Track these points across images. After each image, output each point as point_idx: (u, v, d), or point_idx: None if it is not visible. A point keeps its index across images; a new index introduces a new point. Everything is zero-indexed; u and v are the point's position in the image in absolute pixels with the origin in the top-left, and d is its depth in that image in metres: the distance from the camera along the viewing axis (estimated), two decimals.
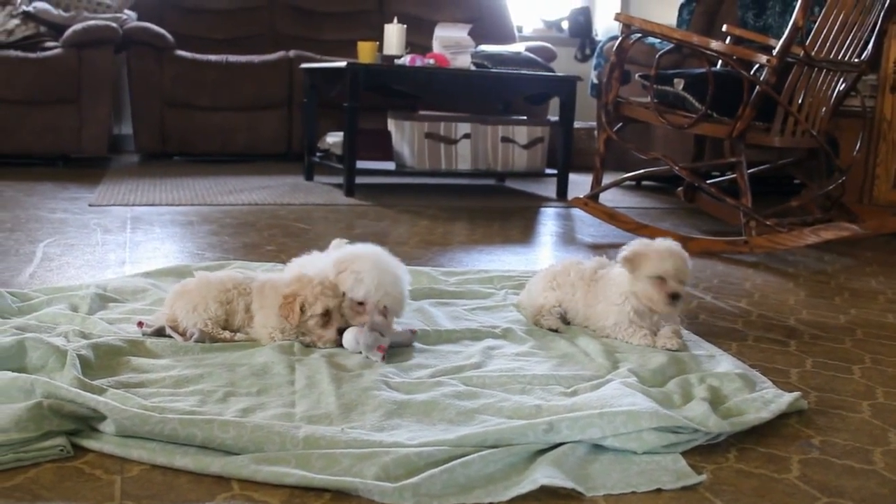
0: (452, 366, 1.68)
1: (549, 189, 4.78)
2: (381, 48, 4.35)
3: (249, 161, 5.45)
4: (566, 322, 2.01)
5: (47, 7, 4.98)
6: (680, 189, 4.17)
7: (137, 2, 5.49)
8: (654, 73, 3.38)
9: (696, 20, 5.34)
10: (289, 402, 1.45)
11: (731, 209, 3.53)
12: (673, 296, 1.83)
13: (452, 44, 4.35)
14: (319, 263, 1.87)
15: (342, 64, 4.08)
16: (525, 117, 4.86)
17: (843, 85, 3.43)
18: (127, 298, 2.07)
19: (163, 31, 5.20)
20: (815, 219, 3.48)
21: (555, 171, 4.60)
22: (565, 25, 7.05)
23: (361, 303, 1.77)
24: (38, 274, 2.33)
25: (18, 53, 4.70)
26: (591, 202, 3.61)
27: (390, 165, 4.42)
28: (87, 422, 1.30)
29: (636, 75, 3.66)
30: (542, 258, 2.95)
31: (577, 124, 5.35)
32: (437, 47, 4.36)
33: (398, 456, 1.22)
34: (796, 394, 1.56)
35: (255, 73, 5.36)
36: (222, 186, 4.27)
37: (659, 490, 1.22)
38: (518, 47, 5.18)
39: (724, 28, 4.00)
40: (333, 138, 4.52)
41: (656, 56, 3.53)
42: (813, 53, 3.10)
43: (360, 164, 4.22)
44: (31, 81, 4.68)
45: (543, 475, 1.20)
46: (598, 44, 6.34)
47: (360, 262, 1.78)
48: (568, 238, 3.40)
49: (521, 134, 4.65)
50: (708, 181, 3.65)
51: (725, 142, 3.61)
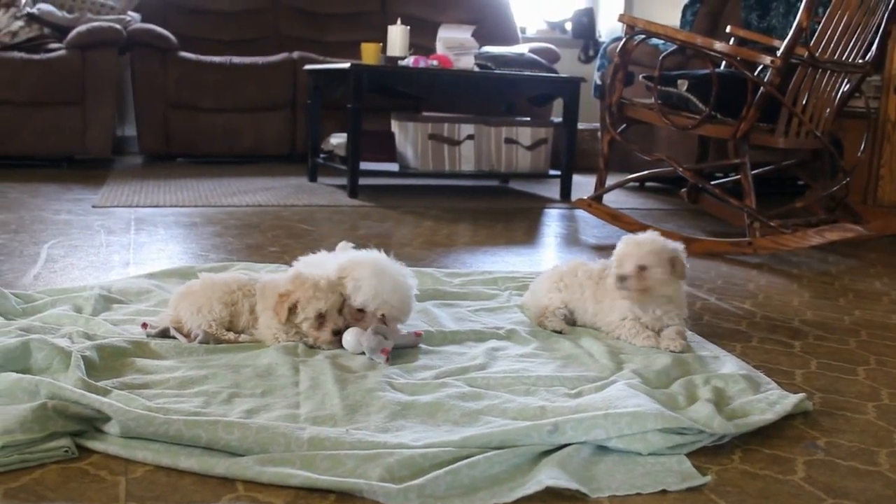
0: (457, 367, 1.68)
1: (552, 190, 4.78)
2: (384, 49, 4.35)
3: (253, 162, 5.45)
4: (571, 323, 2.01)
5: (51, 9, 4.99)
6: (684, 190, 4.17)
7: (141, 3, 5.50)
8: (658, 75, 3.37)
9: (699, 21, 5.34)
10: (293, 403, 1.45)
11: (735, 210, 3.53)
12: (620, 278, 1.87)
13: (456, 45, 4.35)
14: (327, 264, 1.88)
15: (346, 65, 4.08)
16: (528, 118, 4.86)
17: (848, 86, 3.42)
18: (131, 300, 2.07)
19: (166, 33, 5.20)
20: (820, 220, 3.48)
21: (558, 173, 4.60)
22: (569, 27, 7.05)
23: (361, 309, 1.78)
24: (43, 275, 2.34)
25: (23, 55, 4.71)
26: (594, 203, 3.61)
27: (394, 167, 4.42)
28: (92, 423, 1.31)
29: (640, 76, 3.66)
30: (546, 259, 2.95)
31: (580, 125, 5.34)
32: (440, 48, 4.36)
33: (403, 457, 1.22)
34: (801, 395, 1.56)
35: (259, 75, 5.36)
36: (226, 188, 4.28)
37: (664, 491, 1.22)
38: (521, 48, 5.18)
39: (728, 29, 4.00)
40: (337, 139, 4.53)
41: (660, 57, 3.53)
42: (817, 54, 3.09)
43: (364, 166, 4.22)
44: (35, 83, 4.69)
45: (548, 476, 1.20)
46: (601, 45, 6.34)
47: (360, 270, 1.79)
48: (572, 239, 3.39)
49: (525, 135, 4.65)
50: (712, 182, 3.64)
51: (729, 143, 3.61)
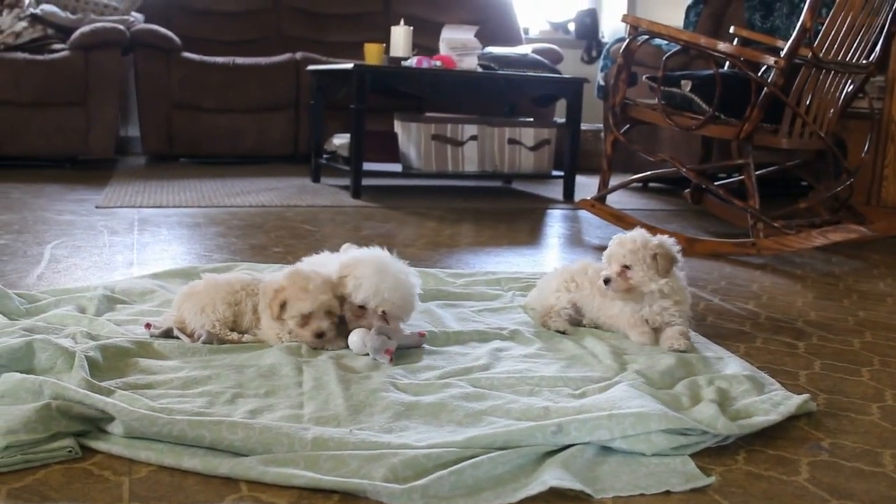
0: (460, 367, 1.68)
1: (555, 191, 4.78)
2: (387, 50, 4.36)
3: (256, 163, 5.45)
4: (575, 324, 2.01)
5: (55, 9, 5.00)
6: (687, 191, 4.16)
7: (144, 4, 5.51)
8: (662, 75, 3.37)
9: (703, 22, 5.34)
10: (297, 403, 1.45)
11: (739, 211, 3.52)
12: (605, 280, 1.89)
13: (459, 46, 4.35)
14: (330, 265, 1.88)
15: (349, 66, 4.08)
16: (532, 119, 4.86)
17: (851, 86, 3.42)
18: (134, 300, 2.07)
19: (170, 34, 5.21)
20: (823, 221, 3.47)
21: (561, 173, 4.60)
22: (572, 27, 7.05)
23: (363, 307, 1.78)
24: (46, 275, 2.34)
25: (26, 56, 4.72)
26: (598, 204, 3.61)
27: (397, 167, 4.42)
28: (96, 423, 1.31)
29: (643, 77, 3.66)
30: (549, 260, 2.95)
31: (583, 126, 5.34)
32: (443, 49, 4.37)
33: (406, 457, 1.22)
34: (805, 396, 1.56)
35: (262, 75, 5.37)
36: (229, 188, 4.28)
37: (668, 492, 1.22)
38: (524, 49, 5.17)
39: (732, 30, 3.99)
40: (340, 140, 4.53)
41: (663, 58, 3.52)
42: (821, 55, 3.09)
43: (367, 166, 4.22)
44: (38, 83, 4.69)
45: (552, 477, 1.20)
46: (604, 46, 6.33)
47: (361, 267, 1.79)
48: (575, 240, 3.39)
49: (528, 136, 4.65)
50: (715, 183, 3.64)
51: (733, 143, 3.60)
